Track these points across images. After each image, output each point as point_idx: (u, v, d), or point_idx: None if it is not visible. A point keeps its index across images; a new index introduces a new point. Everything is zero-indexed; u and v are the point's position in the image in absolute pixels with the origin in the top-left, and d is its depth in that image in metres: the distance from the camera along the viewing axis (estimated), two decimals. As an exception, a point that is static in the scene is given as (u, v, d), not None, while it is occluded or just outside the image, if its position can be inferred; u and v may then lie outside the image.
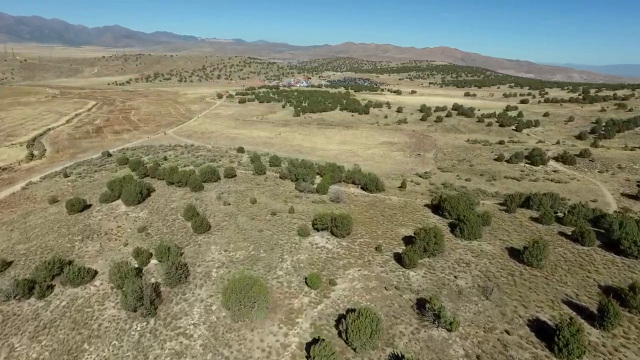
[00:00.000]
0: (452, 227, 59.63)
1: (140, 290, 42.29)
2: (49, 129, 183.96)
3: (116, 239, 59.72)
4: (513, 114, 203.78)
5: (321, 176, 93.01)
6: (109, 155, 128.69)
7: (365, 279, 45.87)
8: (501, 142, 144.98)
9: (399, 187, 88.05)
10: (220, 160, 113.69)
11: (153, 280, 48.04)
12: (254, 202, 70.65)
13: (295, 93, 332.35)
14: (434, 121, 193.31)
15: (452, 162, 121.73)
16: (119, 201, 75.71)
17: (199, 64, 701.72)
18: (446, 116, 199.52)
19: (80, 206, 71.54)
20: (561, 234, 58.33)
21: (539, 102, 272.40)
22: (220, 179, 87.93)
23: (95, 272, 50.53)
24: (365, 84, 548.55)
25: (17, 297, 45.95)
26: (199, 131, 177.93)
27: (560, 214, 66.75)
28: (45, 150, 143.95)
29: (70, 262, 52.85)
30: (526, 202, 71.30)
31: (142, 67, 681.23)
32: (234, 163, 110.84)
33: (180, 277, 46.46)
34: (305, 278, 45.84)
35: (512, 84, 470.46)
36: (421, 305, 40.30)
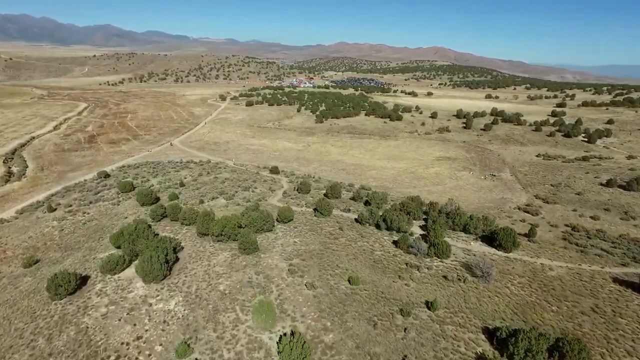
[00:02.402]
0: None
1: None
2: (33, 138, 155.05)
3: (138, 375, 32.46)
4: (569, 120, 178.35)
5: (408, 214, 66.37)
6: (107, 176, 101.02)
7: None
8: (585, 159, 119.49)
9: (526, 235, 61.70)
10: (255, 188, 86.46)
11: None
12: (355, 281, 43.69)
13: (306, 95, 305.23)
14: (481, 129, 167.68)
15: (547, 187, 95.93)
16: (132, 270, 48.53)
17: (195, 64, 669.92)
18: (492, 123, 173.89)
19: (70, 286, 44.09)
20: None
21: (578, 105, 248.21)
22: (273, 225, 60.76)
23: None
24: (372, 84, 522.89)
25: None
26: (211, 141, 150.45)
27: None
28: (27, 167, 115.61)
29: None
30: None
31: (135, 67, 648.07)
32: (275, 192, 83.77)
33: None
34: None
35: (528, 85, 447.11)
36: None
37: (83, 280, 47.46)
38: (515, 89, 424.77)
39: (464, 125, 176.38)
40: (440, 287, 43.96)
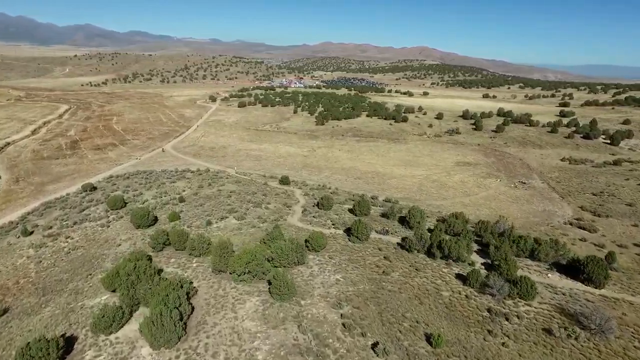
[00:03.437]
0: None
1: None
2: (8, 144, 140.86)
3: None
4: (584, 122, 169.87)
5: (457, 236, 55.61)
6: (93, 188, 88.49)
7: None
8: (616, 163, 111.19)
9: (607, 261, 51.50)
10: (268, 204, 74.89)
11: None
12: (437, 342, 32.72)
13: (300, 95, 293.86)
14: (493, 131, 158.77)
15: (588, 197, 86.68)
16: (133, 327, 36.80)
17: (181, 64, 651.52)
18: (503, 124, 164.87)
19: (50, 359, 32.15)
20: None
21: (581, 105, 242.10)
22: (305, 256, 49.40)
23: None
24: (363, 84, 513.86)
25: None
26: (207, 146, 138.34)
27: None
28: (0, 178, 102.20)
29: None
30: None
31: (118, 67, 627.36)
32: (292, 208, 72.37)
33: None
34: None
35: (522, 85, 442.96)
36: None
37: (67, 342, 35.51)
38: (509, 88, 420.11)
39: (474, 126, 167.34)
40: (549, 349, 33.26)
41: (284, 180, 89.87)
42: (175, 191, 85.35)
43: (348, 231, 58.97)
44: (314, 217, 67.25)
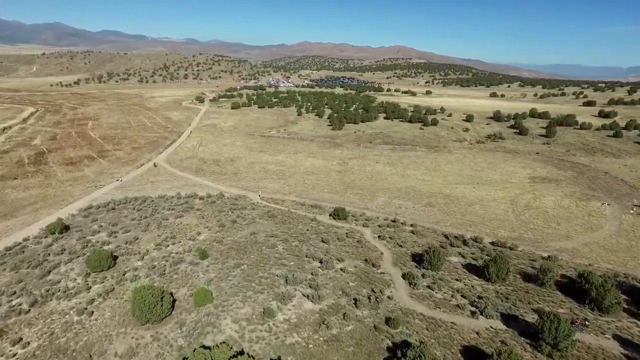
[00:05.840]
0: None
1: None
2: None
3: None
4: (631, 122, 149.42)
5: None
6: (65, 229, 61.04)
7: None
8: None
9: None
10: (339, 260, 48.97)
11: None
12: None
13: (297, 95, 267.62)
14: (543, 136, 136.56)
15: None
16: None
17: (160, 62, 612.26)
18: (549, 127, 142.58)
19: None
20: None
21: (608, 103, 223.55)
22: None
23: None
24: (354, 82, 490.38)
25: None
26: (209, 158, 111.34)
27: None
28: None
29: None
30: None
31: (92, 66, 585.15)
32: (384, 268, 46.60)
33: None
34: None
35: (521, 83, 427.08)
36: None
37: None
38: (509, 86, 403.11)
39: (516, 130, 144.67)
40: None
41: (340, 214, 63.98)
42: (187, 234, 58.68)
43: (509, 321, 33.87)
44: (429, 287, 41.75)
